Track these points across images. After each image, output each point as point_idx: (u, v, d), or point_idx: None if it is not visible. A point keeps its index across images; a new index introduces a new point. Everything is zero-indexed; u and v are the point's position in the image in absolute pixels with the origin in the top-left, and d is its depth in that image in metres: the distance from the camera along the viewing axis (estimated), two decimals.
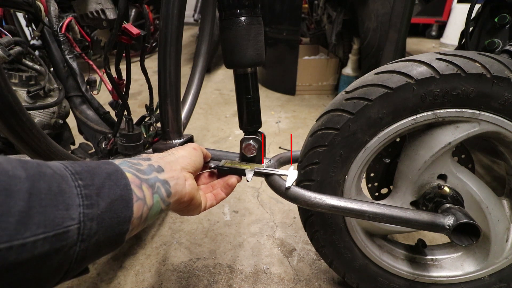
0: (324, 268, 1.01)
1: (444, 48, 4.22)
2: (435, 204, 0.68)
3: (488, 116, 0.63)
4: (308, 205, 0.63)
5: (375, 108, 0.64)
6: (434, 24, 4.71)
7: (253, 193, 1.39)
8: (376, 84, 0.64)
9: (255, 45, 0.64)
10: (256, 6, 0.64)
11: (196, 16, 3.27)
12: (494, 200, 0.71)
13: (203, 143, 1.83)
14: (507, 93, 0.60)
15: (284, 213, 1.26)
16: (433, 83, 0.61)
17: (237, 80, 0.69)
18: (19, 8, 0.85)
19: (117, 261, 1.04)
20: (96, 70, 1.02)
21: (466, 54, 0.62)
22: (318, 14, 2.87)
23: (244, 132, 0.72)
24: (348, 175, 0.71)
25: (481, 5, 1.09)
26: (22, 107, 0.51)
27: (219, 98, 2.57)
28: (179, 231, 1.17)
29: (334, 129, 0.68)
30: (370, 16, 1.98)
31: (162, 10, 0.67)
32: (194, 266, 1.02)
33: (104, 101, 1.07)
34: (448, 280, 0.78)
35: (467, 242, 0.61)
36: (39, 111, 0.95)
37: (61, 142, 1.09)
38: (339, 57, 2.62)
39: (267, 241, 1.13)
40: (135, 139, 0.84)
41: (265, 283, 0.97)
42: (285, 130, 2.02)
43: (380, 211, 0.61)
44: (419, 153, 0.69)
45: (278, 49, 2.61)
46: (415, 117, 0.64)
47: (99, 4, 0.78)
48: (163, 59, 0.70)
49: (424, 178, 0.71)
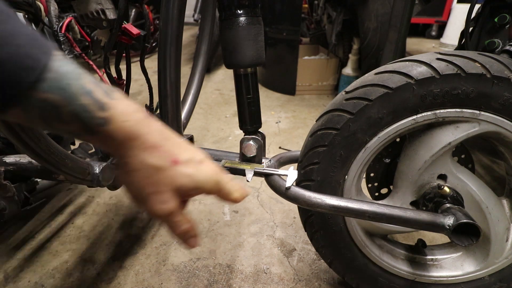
0: (324, 268, 1.01)
1: (444, 48, 4.21)
2: (435, 204, 0.68)
3: (488, 116, 0.63)
4: (308, 205, 0.63)
5: (375, 108, 0.64)
6: (434, 24, 4.70)
7: (253, 193, 1.39)
8: (376, 84, 0.64)
9: (255, 45, 0.64)
10: (256, 6, 0.64)
11: (196, 16, 3.27)
12: (494, 200, 0.71)
13: (203, 143, 1.83)
14: (507, 93, 0.60)
15: (284, 213, 1.26)
16: (433, 83, 0.61)
17: (237, 80, 0.69)
18: (19, 8, 0.85)
19: (117, 261, 1.04)
20: (96, 70, 1.01)
21: (466, 54, 0.62)
22: (318, 14, 2.87)
23: (244, 132, 0.72)
24: (348, 175, 0.71)
25: (481, 5, 1.09)
26: None
27: (219, 98, 2.57)
28: None
29: (334, 129, 0.68)
30: (370, 16, 1.98)
31: (162, 10, 0.67)
32: (194, 266, 1.02)
33: None
34: (448, 280, 0.78)
35: (467, 242, 0.61)
36: None
37: (61, 142, 1.09)
38: (339, 57, 2.62)
39: (267, 241, 1.13)
40: None
41: (265, 283, 0.97)
42: (285, 130, 2.02)
43: (380, 211, 0.61)
44: (419, 153, 0.69)
45: (278, 49, 2.61)
46: (415, 117, 0.64)
47: (99, 4, 0.78)
48: (163, 59, 0.70)
49: (424, 178, 0.71)
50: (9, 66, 0.28)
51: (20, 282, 0.96)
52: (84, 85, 0.32)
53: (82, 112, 0.32)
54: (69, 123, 0.33)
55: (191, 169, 0.38)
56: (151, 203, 0.37)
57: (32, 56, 0.29)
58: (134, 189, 0.38)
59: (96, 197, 1.35)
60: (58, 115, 0.32)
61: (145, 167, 0.36)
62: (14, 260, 1.03)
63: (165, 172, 0.36)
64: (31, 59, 0.29)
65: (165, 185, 0.37)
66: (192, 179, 0.37)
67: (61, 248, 1.08)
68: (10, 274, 0.98)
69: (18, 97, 0.29)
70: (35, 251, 1.07)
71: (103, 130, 0.33)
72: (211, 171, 0.40)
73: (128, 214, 1.25)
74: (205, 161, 0.40)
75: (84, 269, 1.00)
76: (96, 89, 0.33)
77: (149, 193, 0.37)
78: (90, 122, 0.33)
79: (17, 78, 0.28)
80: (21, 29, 0.29)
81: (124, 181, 0.38)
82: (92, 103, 0.32)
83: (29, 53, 0.29)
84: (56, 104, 0.31)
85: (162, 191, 0.37)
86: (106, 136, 0.34)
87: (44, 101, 0.30)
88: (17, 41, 0.28)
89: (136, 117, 0.35)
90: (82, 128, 0.33)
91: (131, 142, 0.35)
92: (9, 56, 0.27)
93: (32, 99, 0.30)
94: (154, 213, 0.38)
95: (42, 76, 0.29)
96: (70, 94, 0.31)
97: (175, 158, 0.37)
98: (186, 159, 0.38)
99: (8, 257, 1.04)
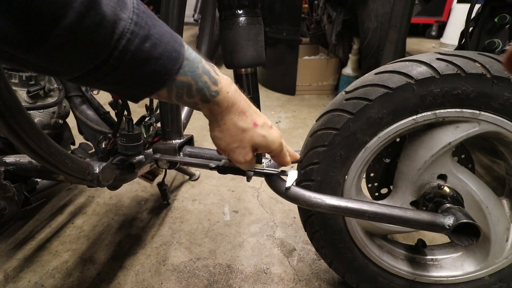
0: (324, 268, 1.01)
1: (444, 48, 4.21)
2: (435, 204, 0.68)
3: (488, 116, 0.63)
4: (308, 205, 0.63)
5: (375, 108, 0.64)
6: (434, 24, 4.70)
7: (253, 193, 1.39)
8: (376, 84, 0.64)
9: (255, 45, 0.64)
10: (256, 6, 0.64)
11: (196, 16, 3.27)
12: (494, 200, 0.71)
13: (203, 143, 1.83)
14: (507, 93, 0.60)
15: (284, 213, 1.26)
16: (433, 83, 0.61)
17: (237, 80, 0.69)
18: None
19: (117, 261, 1.04)
20: None
21: (466, 54, 0.62)
22: (318, 14, 2.86)
23: None
24: (348, 175, 0.71)
25: (481, 5, 1.09)
26: (22, 107, 0.51)
27: None
28: (179, 231, 1.17)
29: (334, 129, 0.68)
30: (370, 16, 1.98)
31: (162, 10, 0.67)
32: (194, 266, 1.02)
33: (104, 101, 1.07)
34: (448, 280, 0.78)
35: (467, 242, 0.61)
36: (39, 111, 0.95)
37: (61, 142, 1.09)
38: (339, 57, 2.62)
39: (267, 241, 1.13)
40: (135, 139, 0.84)
41: (265, 283, 0.97)
42: (285, 130, 2.02)
43: (380, 211, 0.61)
44: (419, 153, 0.69)
45: (278, 49, 2.61)
46: (415, 117, 0.64)
47: None
48: None
49: (424, 178, 0.71)
50: (164, 58, 0.36)
51: (20, 282, 0.96)
52: (204, 66, 0.42)
53: (204, 88, 0.42)
54: (194, 96, 0.42)
55: (265, 132, 0.51)
56: (236, 154, 0.52)
57: (175, 50, 0.37)
58: (224, 143, 0.51)
59: (96, 197, 1.35)
60: (189, 91, 0.41)
61: (236, 127, 0.48)
62: (14, 260, 1.03)
63: (248, 132, 0.49)
64: (175, 52, 0.37)
65: (247, 142, 0.50)
66: (265, 139, 0.51)
67: (61, 248, 1.08)
68: (10, 274, 0.98)
69: (168, 81, 0.38)
70: (35, 251, 1.07)
71: (214, 99, 0.44)
72: (277, 135, 0.53)
73: (128, 214, 1.25)
74: (273, 126, 0.54)
75: (84, 269, 1.00)
76: (210, 68, 0.43)
77: (236, 147, 0.51)
78: (208, 94, 0.43)
79: (168, 67, 0.37)
80: (164, 28, 0.37)
81: (217, 136, 0.51)
82: (209, 80, 0.42)
83: (173, 47, 0.37)
84: (189, 83, 0.40)
85: (245, 146, 0.51)
86: (215, 103, 0.45)
87: (182, 82, 0.40)
88: (165, 39, 0.36)
89: (233, 88, 0.47)
90: (201, 99, 0.43)
91: (230, 108, 0.47)
92: (164, 51, 0.36)
93: (176, 81, 0.39)
94: (237, 160, 0.53)
95: (182, 63, 0.39)
96: (197, 74, 0.41)
97: (255, 121, 0.50)
98: (262, 123, 0.51)
99: (8, 257, 1.04)
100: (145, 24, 0.34)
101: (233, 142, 0.50)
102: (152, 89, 0.39)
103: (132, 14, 0.32)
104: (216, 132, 0.50)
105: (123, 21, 0.31)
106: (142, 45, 0.33)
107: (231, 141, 0.50)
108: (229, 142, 0.50)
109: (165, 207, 1.30)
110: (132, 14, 0.32)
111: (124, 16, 0.31)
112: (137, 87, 0.38)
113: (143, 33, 0.33)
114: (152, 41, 0.34)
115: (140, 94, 0.39)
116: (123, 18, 0.31)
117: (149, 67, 0.35)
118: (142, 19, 0.33)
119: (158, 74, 0.37)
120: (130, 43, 0.32)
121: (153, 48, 0.34)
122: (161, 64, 0.36)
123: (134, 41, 0.32)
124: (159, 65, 0.36)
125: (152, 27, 0.34)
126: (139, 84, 0.37)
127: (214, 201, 1.33)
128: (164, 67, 0.36)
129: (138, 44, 0.33)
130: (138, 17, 0.33)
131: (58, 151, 0.61)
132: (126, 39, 0.32)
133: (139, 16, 0.33)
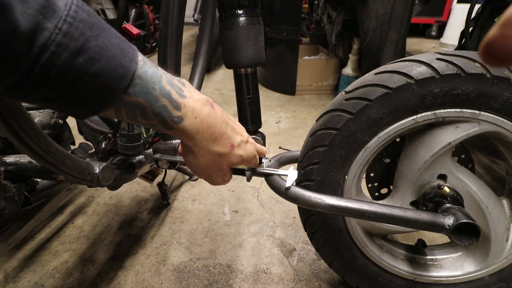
0: (324, 268, 1.01)
1: (444, 48, 4.21)
2: (435, 204, 0.68)
3: (488, 116, 0.63)
4: (308, 205, 0.63)
5: (375, 108, 0.64)
6: (434, 24, 4.70)
7: (253, 193, 1.39)
8: (376, 84, 0.64)
9: (255, 45, 0.64)
10: (256, 6, 0.64)
11: (196, 16, 3.27)
12: (494, 200, 0.71)
13: None
14: (507, 93, 0.60)
15: (284, 213, 1.26)
16: (433, 83, 0.61)
17: (237, 80, 0.69)
18: None
19: (117, 261, 1.04)
20: None
21: (466, 54, 0.62)
22: (318, 14, 2.87)
23: None
24: (348, 175, 0.71)
25: (481, 5, 1.09)
26: (22, 107, 0.51)
27: (219, 98, 2.57)
28: (179, 231, 1.17)
29: (334, 129, 0.68)
30: (370, 16, 1.98)
31: (162, 10, 0.67)
32: (194, 266, 1.02)
33: None
34: (448, 280, 0.78)
35: (467, 242, 0.61)
36: (39, 111, 0.95)
37: (61, 142, 1.09)
38: (339, 57, 2.62)
39: (267, 241, 1.13)
40: (135, 139, 0.84)
41: (265, 283, 0.97)
42: (285, 130, 2.02)
43: (380, 211, 0.61)
44: (419, 153, 0.69)
45: (278, 49, 2.61)
46: (415, 117, 0.64)
47: (99, 4, 0.78)
48: (163, 59, 0.70)
49: (424, 178, 0.71)
50: (105, 75, 0.31)
51: (20, 282, 0.96)
52: (164, 87, 0.36)
53: (162, 112, 0.37)
54: (151, 119, 0.37)
55: (242, 151, 0.49)
56: (214, 178, 0.51)
57: (123, 65, 0.32)
58: (200, 170, 0.49)
59: (96, 197, 1.35)
60: (143, 114, 0.36)
61: (212, 154, 0.45)
62: (14, 260, 1.03)
63: (226, 156, 0.47)
64: (122, 68, 0.32)
65: (226, 165, 0.48)
66: (242, 158, 0.50)
67: (61, 248, 1.08)
68: (10, 274, 0.98)
69: (112, 101, 0.33)
70: (35, 251, 1.07)
71: (177, 126, 0.39)
72: (252, 149, 0.52)
73: (128, 214, 1.25)
74: (249, 139, 0.52)
75: (84, 269, 1.01)
76: (172, 89, 0.38)
77: (213, 172, 0.49)
78: (168, 119, 0.38)
79: (112, 85, 0.32)
80: (112, 39, 0.32)
81: (192, 163, 0.48)
82: (170, 103, 0.37)
83: (120, 63, 0.32)
84: (142, 105, 0.35)
85: (223, 169, 0.49)
86: (181, 131, 0.40)
87: (132, 103, 0.35)
88: (110, 53, 0.31)
89: (204, 112, 0.41)
90: (161, 124, 0.38)
91: (202, 134, 0.42)
92: (105, 67, 0.31)
93: (123, 101, 0.34)
94: (216, 184, 0.52)
95: (132, 83, 0.33)
96: (153, 96, 0.35)
97: (232, 142, 0.47)
98: (239, 141, 0.48)
99: (8, 257, 1.04)
100: (80, 34, 0.28)
101: (209, 168, 0.48)
102: (94, 108, 0.33)
103: (62, 23, 0.27)
104: (190, 158, 0.47)
105: (46, 31, 0.26)
106: (74, 59, 0.28)
107: (208, 168, 0.48)
108: (205, 169, 0.48)
109: (165, 207, 1.30)
110: (62, 23, 0.27)
111: (49, 26, 0.27)
112: (76, 105, 0.32)
113: (74, 46, 0.28)
114: (89, 55, 0.29)
115: (81, 113, 0.34)
116: (47, 27, 0.26)
117: (84, 84, 0.30)
118: (77, 29, 0.28)
119: (97, 93, 0.32)
120: (55, 57, 0.27)
121: (89, 63, 0.29)
122: (100, 81, 0.31)
123: (61, 55, 0.28)
124: (98, 82, 0.31)
125: (91, 39, 0.29)
126: (77, 102, 0.32)
127: (214, 201, 1.33)
128: (105, 85, 0.31)
129: (67, 58, 0.28)
130: (70, 26, 0.28)
131: (58, 151, 0.61)
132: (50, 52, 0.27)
133: (72, 25, 0.28)
